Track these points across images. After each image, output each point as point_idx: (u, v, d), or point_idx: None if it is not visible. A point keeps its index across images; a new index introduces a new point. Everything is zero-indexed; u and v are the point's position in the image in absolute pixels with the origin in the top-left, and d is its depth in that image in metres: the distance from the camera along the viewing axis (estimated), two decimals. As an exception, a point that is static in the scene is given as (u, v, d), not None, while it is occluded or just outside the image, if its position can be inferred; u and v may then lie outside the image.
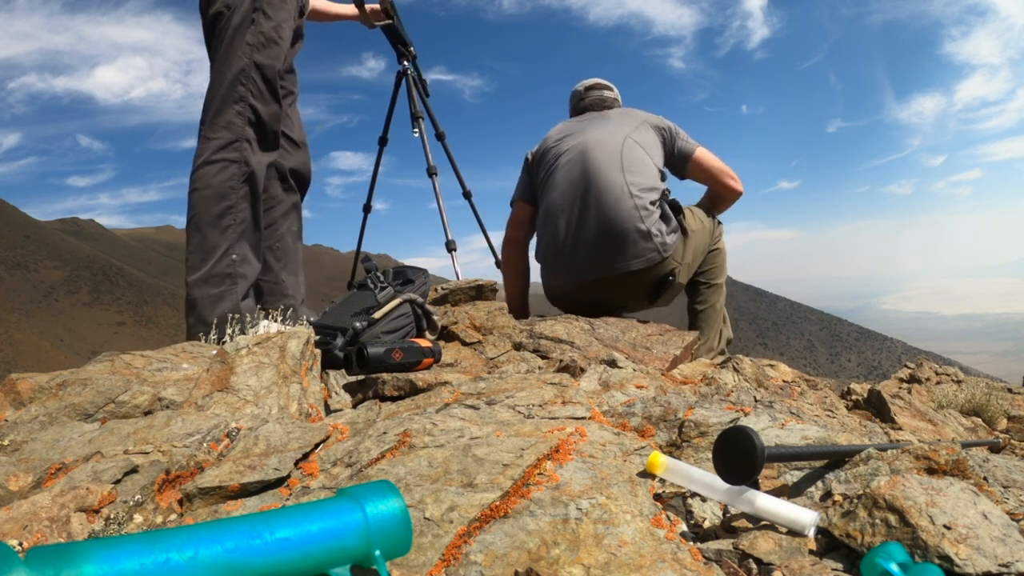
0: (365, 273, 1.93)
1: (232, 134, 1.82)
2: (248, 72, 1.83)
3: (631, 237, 2.20)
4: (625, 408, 1.13)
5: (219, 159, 1.80)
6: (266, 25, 1.87)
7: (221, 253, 1.77)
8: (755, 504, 0.77)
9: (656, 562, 0.68)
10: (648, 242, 2.21)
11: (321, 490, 0.84)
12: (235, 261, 1.79)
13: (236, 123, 1.82)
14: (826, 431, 0.99)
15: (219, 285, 1.75)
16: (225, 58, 1.84)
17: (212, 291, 1.74)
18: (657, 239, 2.22)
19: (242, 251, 1.82)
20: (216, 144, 1.81)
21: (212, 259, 1.76)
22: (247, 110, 1.83)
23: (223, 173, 1.79)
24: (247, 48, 1.84)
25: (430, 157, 2.98)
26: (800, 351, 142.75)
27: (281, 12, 1.92)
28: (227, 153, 1.80)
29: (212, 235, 1.77)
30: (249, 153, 1.84)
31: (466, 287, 2.05)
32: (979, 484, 0.78)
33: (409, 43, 2.98)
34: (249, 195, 1.84)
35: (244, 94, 1.83)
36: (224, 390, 1.16)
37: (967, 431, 2.50)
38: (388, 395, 1.32)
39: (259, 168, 1.87)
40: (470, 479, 0.81)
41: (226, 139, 1.81)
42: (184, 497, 0.84)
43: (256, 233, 1.89)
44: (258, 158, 1.87)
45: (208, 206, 1.77)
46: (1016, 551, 0.64)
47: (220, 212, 1.78)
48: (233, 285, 1.77)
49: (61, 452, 0.96)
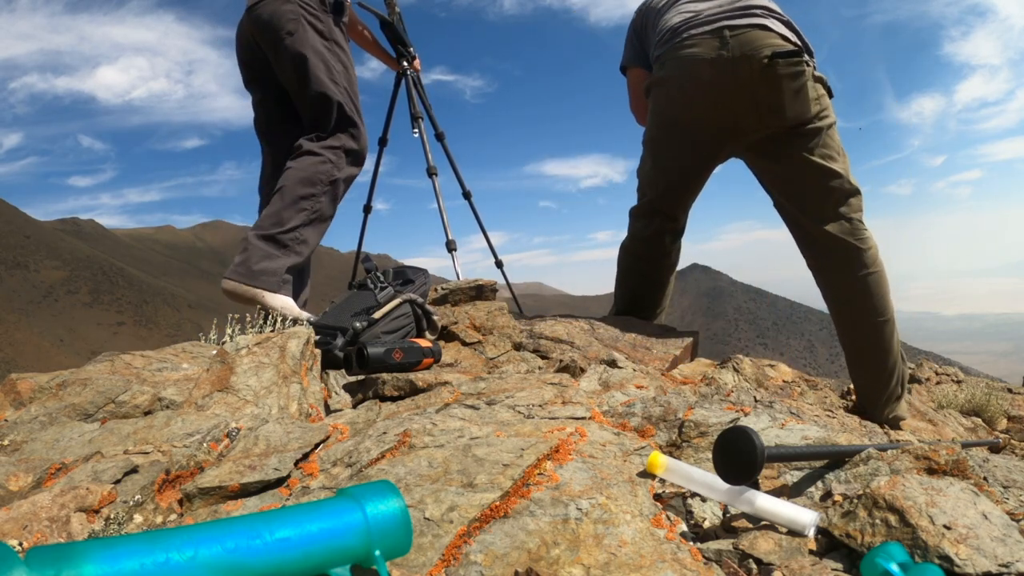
0: (365, 273, 1.93)
1: (339, 143, 2.08)
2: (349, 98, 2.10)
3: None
4: (625, 408, 1.13)
5: (322, 154, 2.02)
6: (343, 56, 2.15)
7: (290, 227, 1.94)
8: (755, 504, 0.77)
9: (656, 562, 0.68)
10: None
11: (321, 490, 0.84)
12: (297, 238, 1.95)
13: (343, 138, 2.08)
14: (826, 431, 0.99)
15: (276, 247, 1.91)
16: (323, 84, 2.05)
17: (268, 248, 1.89)
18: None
19: (306, 234, 1.99)
20: (327, 143, 2.05)
21: (281, 228, 1.92)
22: (353, 129, 2.10)
23: (320, 166, 2.01)
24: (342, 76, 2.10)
25: (430, 157, 2.98)
26: (800, 351, 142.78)
27: (345, 42, 2.19)
28: (329, 153, 2.04)
29: (289, 210, 1.95)
30: (343, 163, 2.07)
31: (466, 287, 2.05)
32: (979, 484, 0.78)
33: (409, 44, 2.98)
34: (330, 193, 2.03)
35: (353, 118, 2.09)
36: (224, 390, 1.16)
37: (967, 431, 2.50)
38: (388, 395, 1.32)
39: (346, 178, 2.10)
40: (470, 479, 0.81)
41: (334, 144, 2.06)
42: (184, 497, 0.84)
43: (322, 228, 2.06)
44: (348, 171, 2.10)
45: (297, 186, 1.96)
46: (1016, 551, 0.64)
47: (304, 195, 1.96)
48: (287, 255, 1.92)
49: (61, 452, 0.96)
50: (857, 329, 1.98)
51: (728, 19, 1.94)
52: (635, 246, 2.27)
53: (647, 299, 2.34)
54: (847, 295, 1.95)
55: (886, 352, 1.96)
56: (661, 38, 2.07)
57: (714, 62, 1.89)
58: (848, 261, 1.92)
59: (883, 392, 1.97)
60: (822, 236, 1.93)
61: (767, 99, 1.89)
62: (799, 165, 1.95)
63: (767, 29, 1.91)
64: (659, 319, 2.39)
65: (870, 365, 1.98)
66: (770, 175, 2.06)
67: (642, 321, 2.23)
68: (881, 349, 1.96)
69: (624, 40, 2.46)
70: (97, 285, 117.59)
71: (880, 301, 1.93)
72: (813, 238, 1.97)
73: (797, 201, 1.99)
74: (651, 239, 2.22)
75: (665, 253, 2.26)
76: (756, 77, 1.87)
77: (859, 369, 2.01)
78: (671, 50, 2.01)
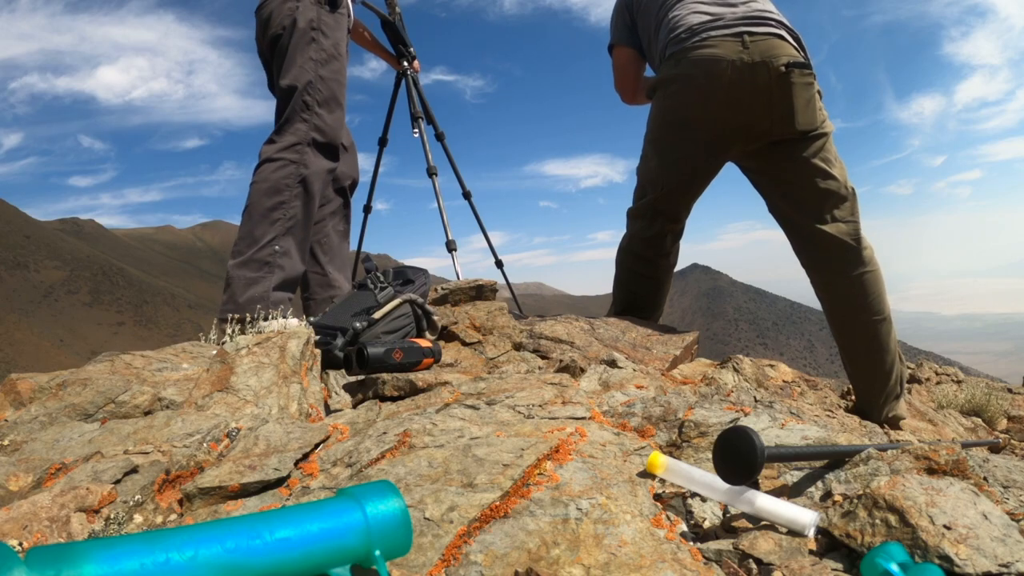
0: (365, 273, 1.93)
1: (296, 138, 1.97)
2: (315, 84, 1.99)
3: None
4: (625, 408, 1.13)
5: (280, 158, 1.94)
6: (326, 43, 2.04)
7: (265, 242, 1.87)
8: (755, 504, 0.77)
9: (656, 562, 0.68)
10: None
11: (321, 490, 0.84)
12: (277, 252, 1.88)
13: (301, 129, 1.97)
14: (826, 431, 0.99)
15: (256, 270, 1.85)
16: (290, 72, 2.00)
17: (248, 274, 1.84)
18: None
19: (286, 244, 1.91)
20: (280, 145, 1.95)
21: (256, 246, 1.86)
22: (313, 118, 1.99)
23: (281, 171, 1.92)
24: (312, 64, 2.00)
25: (430, 157, 2.98)
26: (800, 351, 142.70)
27: (337, 31, 2.10)
28: (288, 154, 1.94)
29: (261, 225, 1.88)
30: (310, 157, 1.97)
31: (466, 287, 2.05)
32: (979, 484, 0.78)
33: (409, 44, 2.99)
34: (303, 195, 1.95)
35: (311, 103, 1.98)
36: (224, 390, 1.16)
37: (967, 431, 2.51)
38: (388, 395, 1.32)
39: (316, 172, 1.99)
40: (470, 479, 0.81)
41: (290, 141, 1.95)
42: (184, 497, 0.84)
43: (304, 231, 1.98)
44: (318, 163, 2.00)
45: (262, 198, 1.89)
46: (1016, 551, 0.64)
47: (272, 205, 1.89)
48: (269, 273, 1.86)
49: (61, 452, 0.96)
50: (854, 329, 1.99)
51: (748, 25, 1.97)
52: (635, 246, 2.27)
53: (646, 300, 2.34)
54: (844, 294, 1.96)
55: (884, 351, 1.96)
56: (675, 36, 2.06)
57: (734, 64, 1.92)
58: (845, 260, 1.93)
59: (882, 392, 1.98)
60: (819, 236, 1.95)
61: (781, 105, 1.93)
62: (800, 168, 1.97)
63: (783, 39, 1.96)
64: (657, 319, 2.39)
65: (868, 365, 1.98)
66: (770, 177, 2.07)
67: (642, 321, 2.23)
68: (879, 348, 1.96)
69: (612, 16, 2.44)
70: (97, 285, 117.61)
71: (877, 300, 1.94)
72: (810, 238, 1.98)
73: (796, 202, 2.00)
74: (652, 240, 2.22)
75: (665, 254, 2.26)
76: (773, 83, 1.91)
77: (857, 369, 2.01)
78: (688, 49, 2.01)
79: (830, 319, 2.05)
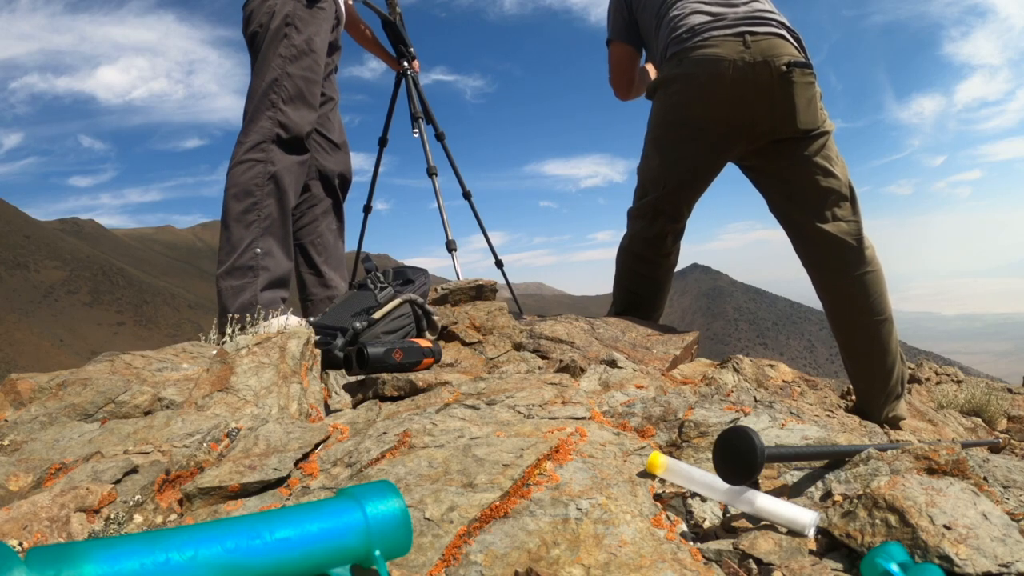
0: (365, 273, 1.93)
1: (261, 136, 1.94)
2: (280, 81, 1.97)
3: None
4: (625, 408, 1.13)
5: (247, 159, 1.91)
6: (298, 39, 2.01)
7: (245, 247, 1.85)
8: (755, 504, 0.77)
9: (656, 562, 0.68)
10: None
11: (321, 490, 0.84)
12: (258, 254, 1.87)
13: (266, 127, 1.95)
14: (826, 431, 0.99)
15: (241, 277, 1.84)
16: (259, 70, 1.98)
17: (234, 283, 1.83)
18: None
19: (267, 245, 1.89)
20: (246, 146, 1.93)
21: (236, 252, 1.84)
22: (277, 114, 1.96)
23: (249, 172, 1.90)
24: (280, 60, 1.98)
25: (430, 157, 2.97)
26: (800, 351, 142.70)
27: (312, 26, 2.05)
28: (254, 154, 1.92)
29: (237, 230, 1.86)
30: (276, 154, 1.95)
31: (466, 287, 2.05)
32: (979, 484, 0.78)
33: (409, 44, 2.99)
34: (275, 191, 1.93)
35: (275, 100, 1.95)
36: (224, 390, 1.16)
37: (967, 431, 2.51)
38: (388, 395, 1.32)
39: (286, 167, 1.96)
40: (470, 479, 0.81)
41: (255, 140, 1.93)
42: (184, 497, 0.84)
43: (283, 229, 1.96)
44: (285, 159, 1.97)
45: (234, 203, 1.88)
46: (1016, 551, 0.64)
47: (246, 208, 1.88)
48: (255, 277, 1.85)
49: (61, 452, 0.96)
50: (855, 329, 1.98)
51: (749, 25, 1.97)
52: (636, 246, 2.27)
53: (646, 300, 2.34)
54: (845, 294, 1.96)
55: (884, 351, 1.96)
56: (677, 36, 2.07)
57: (736, 63, 1.92)
58: (846, 260, 1.93)
59: (882, 392, 1.98)
60: (821, 235, 1.95)
61: (782, 104, 1.93)
62: (802, 167, 1.97)
63: (784, 39, 1.97)
64: (658, 320, 2.39)
65: (869, 365, 1.98)
66: (771, 176, 2.07)
67: (642, 321, 2.23)
68: (880, 348, 1.96)
69: (608, 11, 2.43)
70: (97, 285, 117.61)
71: (878, 300, 1.94)
72: (811, 237, 1.98)
73: (797, 202, 2.00)
74: (653, 240, 2.22)
75: (666, 254, 2.26)
76: (774, 82, 1.91)
77: (858, 369, 2.01)
78: (690, 49, 2.01)
79: (831, 319, 2.04)
